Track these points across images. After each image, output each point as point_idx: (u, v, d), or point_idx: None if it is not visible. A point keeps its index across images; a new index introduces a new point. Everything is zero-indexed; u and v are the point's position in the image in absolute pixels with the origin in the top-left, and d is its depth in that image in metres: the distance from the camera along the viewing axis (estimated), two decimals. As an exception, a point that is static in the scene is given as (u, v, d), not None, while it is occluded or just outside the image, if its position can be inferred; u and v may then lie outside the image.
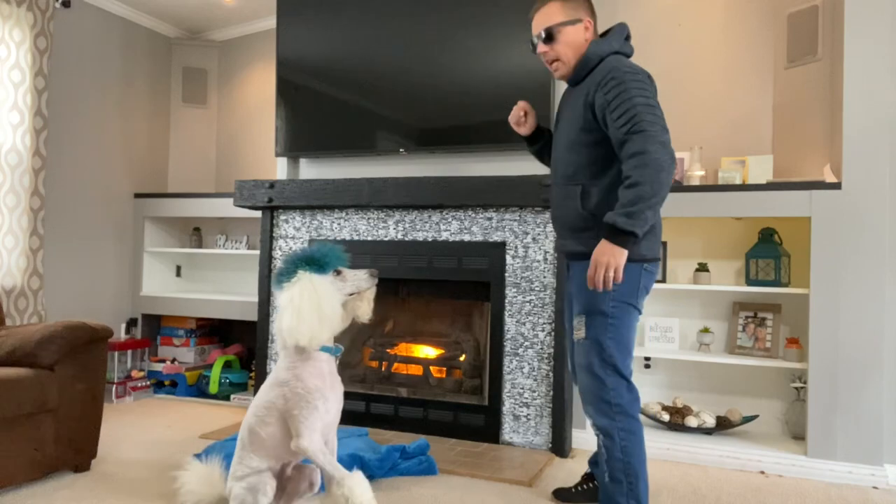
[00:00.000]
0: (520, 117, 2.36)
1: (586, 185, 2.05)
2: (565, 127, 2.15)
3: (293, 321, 1.96)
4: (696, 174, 3.26)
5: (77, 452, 2.66)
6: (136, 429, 3.41)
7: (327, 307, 1.99)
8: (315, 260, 2.05)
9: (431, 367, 3.67)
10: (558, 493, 2.47)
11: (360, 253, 3.50)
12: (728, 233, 3.38)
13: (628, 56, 2.11)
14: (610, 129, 1.94)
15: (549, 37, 2.10)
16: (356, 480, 1.96)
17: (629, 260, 1.94)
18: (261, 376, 3.68)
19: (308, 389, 2.00)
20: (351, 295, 2.12)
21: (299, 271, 2.02)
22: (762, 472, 2.90)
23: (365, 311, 2.17)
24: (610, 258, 1.85)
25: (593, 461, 2.49)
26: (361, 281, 2.10)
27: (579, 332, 2.05)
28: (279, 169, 3.83)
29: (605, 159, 2.02)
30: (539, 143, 2.44)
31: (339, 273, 2.08)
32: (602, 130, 2.00)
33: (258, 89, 4.70)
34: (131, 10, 4.45)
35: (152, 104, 4.68)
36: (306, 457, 2.01)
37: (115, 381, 4.04)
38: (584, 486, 2.47)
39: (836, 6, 3.00)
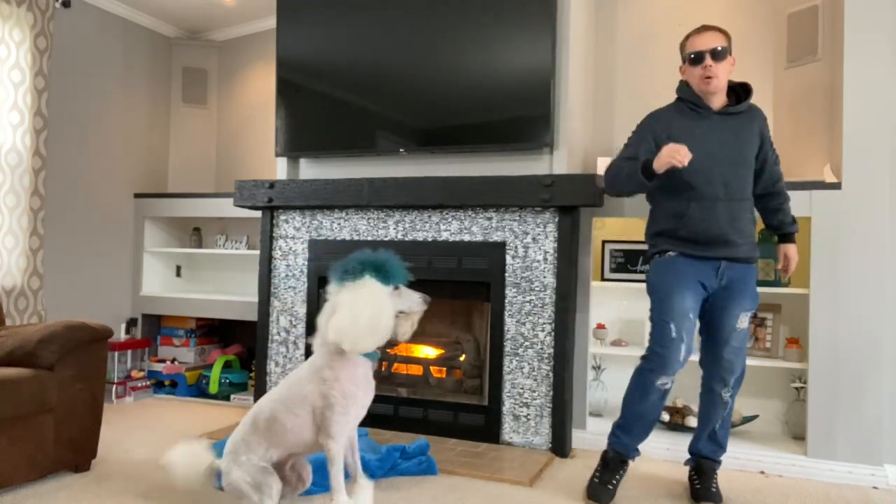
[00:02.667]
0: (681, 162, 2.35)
1: (749, 202, 2.50)
2: (734, 149, 2.44)
3: (347, 324, 1.96)
4: (696, 174, 3.25)
5: (77, 452, 2.66)
6: (136, 429, 3.41)
7: (384, 320, 2.00)
8: (384, 269, 2.05)
9: (431, 367, 3.67)
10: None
11: (360, 253, 3.49)
12: (728, 233, 3.38)
13: None
14: (769, 163, 2.53)
15: (721, 56, 2.42)
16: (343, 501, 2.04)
17: (754, 261, 2.53)
18: (261, 376, 3.68)
19: (345, 394, 2.03)
20: (401, 313, 2.13)
21: (366, 275, 2.03)
22: (762, 472, 2.90)
23: (406, 331, 2.18)
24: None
25: (635, 447, 2.58)
26: (414, 303, 2.12)
27: (744, 323, 2.50)
28: (279, 169, 3.83)
29: (752, 181, 2.53)
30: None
31: (397, 288, 2.09)
32: (755, 161, 2.51)
33: (258, 89, 4.70)
34: (131, 10, 4.45)
35: (152, 104, 4.68)
36: (329, 457, 2.04)
37: (115, 381, 4.04)
38: (620, 475, 2.58)
39: (836, 6, 3.00)
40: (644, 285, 3.28)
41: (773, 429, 3.28)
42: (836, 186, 2.85)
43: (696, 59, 2.43)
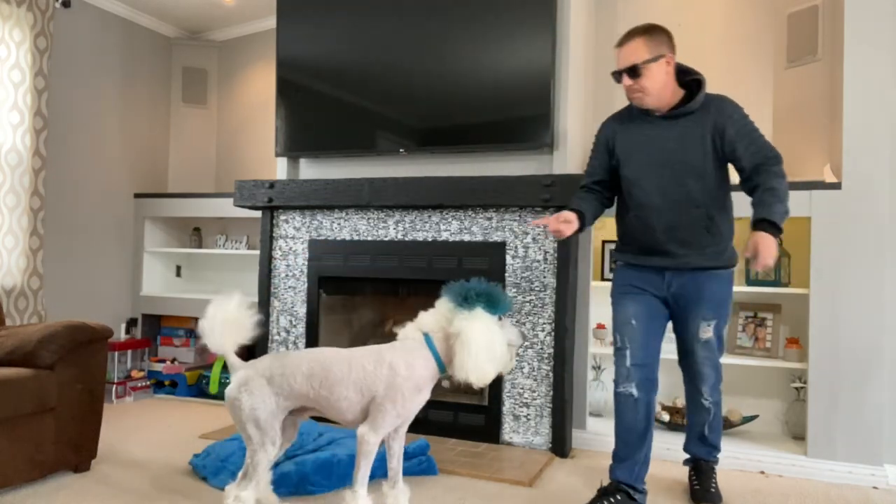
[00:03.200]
0: (557, 231, 2.40)
1: (711, 209, 2.34)
2: (677, 155, 2.32)
3: (472, 362, 2.04)
4: (696, 174, 3.25)
5: (77, 452, 2.66)
6: (136, 429, 3.41)
7: (499, 351, 2.10)
8: (494, 300, 2.13)
9: (431, 367, 3.67)
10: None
11: (360, 253, 3.50)
12: (728, 233, 3.38)
13: None
14: (742, 156, 2.27)
15: (635, 73, 2.28)
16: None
17: (731, 267, 2.45)
18: (261, 376, 3.67)
19: (407, 395, 2.08)
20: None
21: (478, 306, 2.10)
22: (762, 472, 2.90)
23: (508, 364, 2.19)
24: (775, 249, 2.17)
25: (626, 468, 2.41)
26: (515, 336, 2.21)
27: (707, 333, 2.41)
28: (279, 169, 3.83)
29: (722, 183, 2.36)
30: (585, 223, 2.48)
31: (500, 319, 2.16)
32: (721, 159, 2.32)
33: (258, 89, 4.70)
34: (131, 10, 4.45)
35: (152, 104, 4.68)
36: (363, 450, 2.06)
37: (115, 381, 4.04)
38: (609, 501, 2.35)
39: (836, 6, 3.00)
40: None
41: (773, 429, 3.28)
42: (836, 186, 2.85)
43: (616, 78, 2.33)
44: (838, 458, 2.81)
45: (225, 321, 2.13)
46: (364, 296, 3.79)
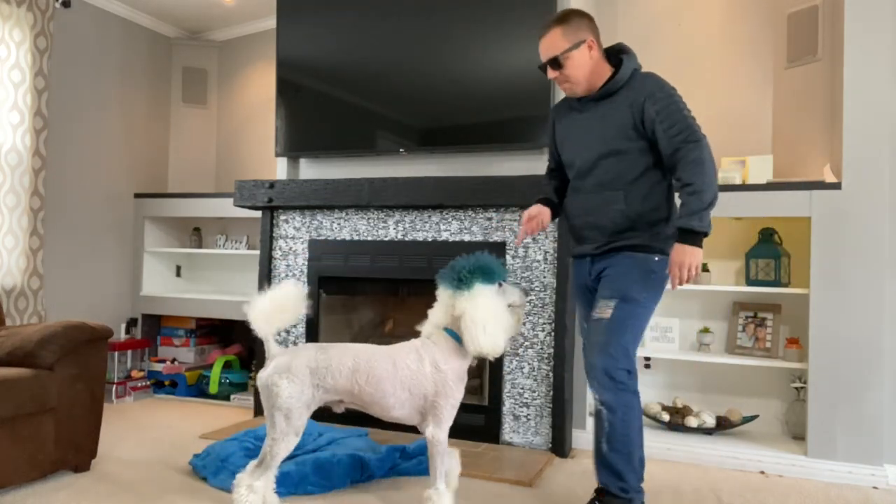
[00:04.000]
0: (535, 231, 2.39)
1: (627, 190, 2.17)
2: (596, 137, 2.22)
3: (482, 338, 2.07)
4: (696, 174, 3.25)
5: (77, 452, 2.66)
6: (136, 429, 3.41)
7: (505, 320, 2.14)
8: (488, 271, 2.15)
9: (431, 367, 3.67)
10: None
11: (360, 253, 3.50)
12: (728, 233, 3.38)
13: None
14: (661, 137, 2.10)
15: (557, 64, 2.19)
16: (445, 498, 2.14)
17: (662, 253, 2.17)
18: (261, 376, 3.68)
19: (454, 387, 2.14)
20: (509, 306, 2.21)
21: (476, 282, 2.13)
22: (762, 472, 2.90)
23: (516, 325, 2.23)
24: (692, 259, 2.03)
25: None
26: (517, 296, 2.22)
27: (605, 313, 2.15)
28: (279, 169, 3.83)
29: (644, 165, 2.17)
30: (558, 207, 2.45)
31: (500, 285, 2.19)
32: (645, 139, 2.15)
33: (258, 89, 4.70)
34: (131, 10, 4.45)
35: (152, 104, 4.68)
36: (436, 449, 2.13)
37: (115, 381, 4.04)
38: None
39: (836, 6, 3.00)
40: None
41: (773, 429, 3.28)
42: (836, 186, 2.85)
43: (542, 70, 2.25)
44: (838, 458, 2.81)
45: (269, 306, 2.15)
46: (364, 296, 3.79)
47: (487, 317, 2.08)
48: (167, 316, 4.46)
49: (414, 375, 2.14)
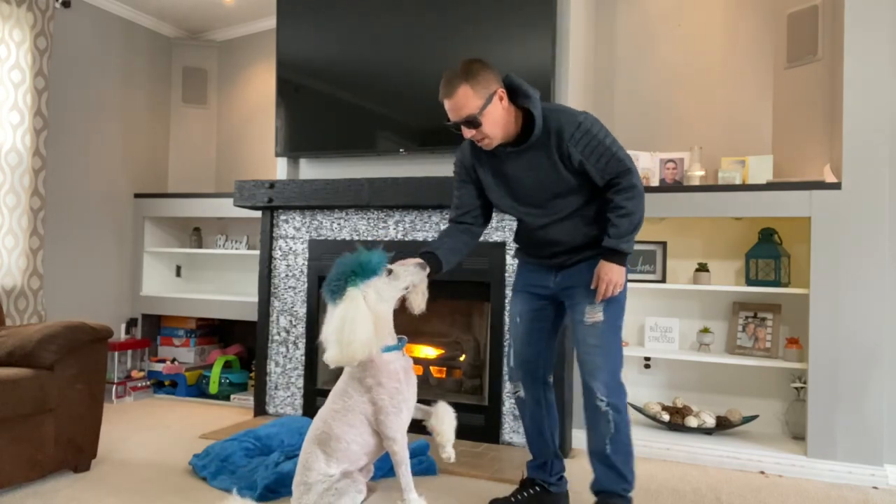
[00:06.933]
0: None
1: (583, 214, 2.24)
2: (536, 183, 2.20)
3: (333, 349, 1.98)
4: (696, 174, 3.26)
5: (77, 452, 2.66)
6: (136, 429, 3.41)
7: (358, 324, 1.97)
8: (360, 268, 2.04)
9: (431, 367, 3.67)
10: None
11: (360, 253, 3.49)
12: (728, 233, 3.38)
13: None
14: (593, 173, 2.15)
15: (474, 124, 2.10)
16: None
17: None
18: (261, 377, 3.68)
19: (392, 394, 2.06)
20: (406, 289, 2.14)
21: (349, 288, 2.01)
22: (762, 472, 2.90)
23: (419, 303, 2.19)
24: (619, 277, 2.16)
25: (537, 465, 2.39)
26: (413, 274, 2.13)
27: (597, 316, 2.20)
28: (279, 169, 3.83)
29: (588, 194, 2.22)
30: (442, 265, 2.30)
31: (390, 272, 2.09)
32: (578, 176, 2.17)
33: (258, 89, 4.70)
34: (131, 10, 4.45)
35: (152, 104, 4.68)
36: (395, 460, 2.07)
37: (115, 381, 4.04)
38: (523, 494, 2.36)
39: (836, 6, 3.00)
40: (641, 285, 3.29)
41: (773, 429, 3.28)
42: (836, 186, 2.85)
43: (454, 129, 2.16)
44: (838, 458, 2.81)
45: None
46: (364, 296, 3.78)
47: (334, 328, 1.97)
48: (167, 316, 4.46)
49: (346, 409, 2.08)
